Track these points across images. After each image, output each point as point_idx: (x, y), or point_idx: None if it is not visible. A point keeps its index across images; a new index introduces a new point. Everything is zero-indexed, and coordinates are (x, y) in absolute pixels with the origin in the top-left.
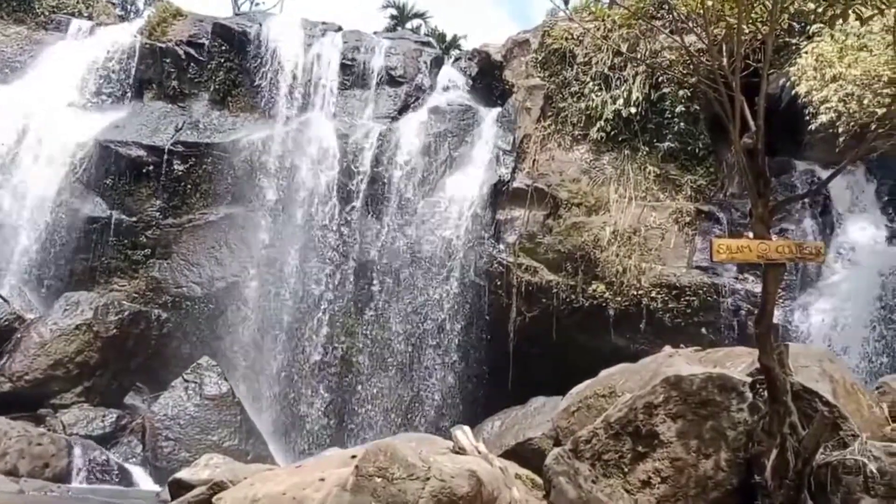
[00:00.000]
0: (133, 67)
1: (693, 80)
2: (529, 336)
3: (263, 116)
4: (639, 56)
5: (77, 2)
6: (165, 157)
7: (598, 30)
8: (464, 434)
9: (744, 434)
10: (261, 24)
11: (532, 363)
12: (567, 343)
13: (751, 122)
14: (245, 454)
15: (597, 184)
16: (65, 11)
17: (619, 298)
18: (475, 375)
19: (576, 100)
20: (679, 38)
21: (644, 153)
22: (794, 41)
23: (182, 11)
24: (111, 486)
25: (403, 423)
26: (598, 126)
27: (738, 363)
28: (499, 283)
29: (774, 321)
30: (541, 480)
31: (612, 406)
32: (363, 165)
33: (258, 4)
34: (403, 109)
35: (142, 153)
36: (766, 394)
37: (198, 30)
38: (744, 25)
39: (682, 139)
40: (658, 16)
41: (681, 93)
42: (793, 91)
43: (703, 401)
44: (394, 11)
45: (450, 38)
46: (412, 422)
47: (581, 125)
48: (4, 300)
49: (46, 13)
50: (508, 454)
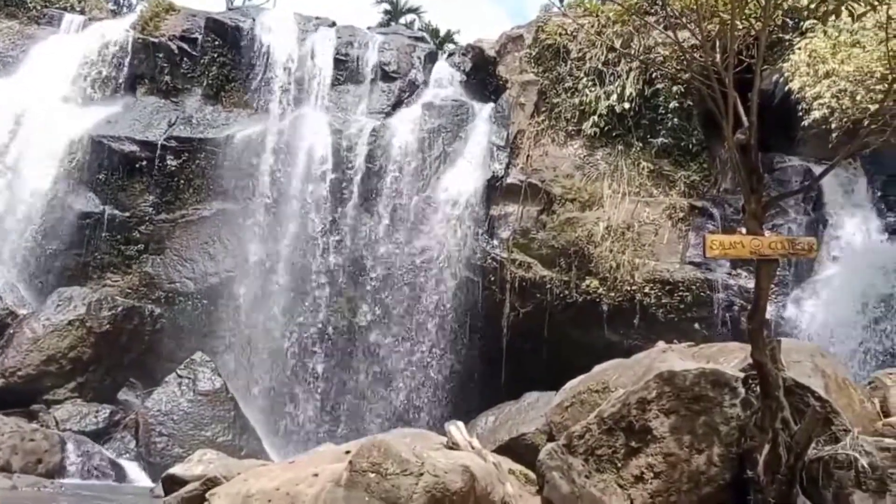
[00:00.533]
0: (126, 62)
1: (686, 76)
2: (523, 331)
3: (257, 112)
4: (632, 52)
5: None
6: (158, 153)
7: (592, 25)
8: (457, 429)
9: (736, 429)
10: (254, 19)
11: (526, 358)
12: (560, 338)
13: (744, 118)
14: (239, 450)
15: (590, 179)
16: (57, 6)
17: (613, 294)
18: (469, 371)
19: (569, 95)
20: (672, 35)
21: (638, 149)
22: (788, 37)
23: (175, 6)
24: (104, 482)
25: (397, 419)
26: (592, 122)
27: (731, 358)
28: (492, 279)
29: (767, 316)
30: (534, 475)
31: (606, 401)
32: (357, 161)
33: None
34: (397, 105)
35: (135, 148)
36: (759, 389)
37: (191, 24)
38: (737, 22)
39: (676, 135)
40: (652, 12)
41: (674, 89)
42: (786, 87)
43: (696, 396)
44: (387, 6)
45: (443, 34)
46: (406, 417)
47: (575, 121)
48: None
49: (38, 8)
50: (502, 449)
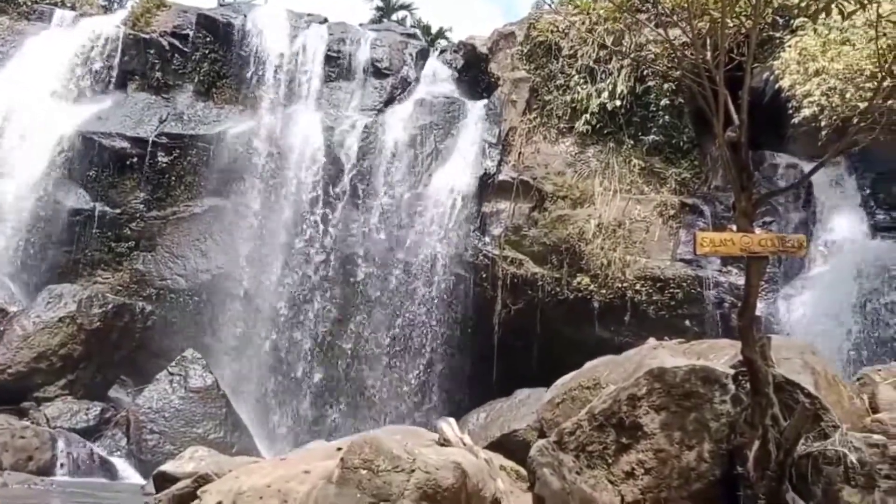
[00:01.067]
0: (117, 58)
1: (677, 74)
2: (514, 328)
3: (248, 108)
4: (624, 49)
5: None
6: (149, 149)
7: (584, 23)
8: (449, 426)
9: (726, 425)
10: (245, 16)
11: (517, 355)
12: (552, 335)
13: (734, 116)
14: (230, 447)
15: (582, 177)
16: (48, 1)
17: (604, 291)
18: (460, 367)
19: (561, 93)
20: (663, 32)
21: (629, 146)
22: (778, 35)
23: (166, 2)
24: (95, 479)
25: (389, 416)
26: (584, 119)
27: (722, 355)
28: (484, 276)
29: (757, 313)
30: (525, 472)
31: (597, 398)
32: (349, 158)
33: None
34: (389, 102)
35: (126, 145)
36: (749, 386)
37: (182, 21)
38: (728, 19)
39: (667, 132)
40: (643, 9)
41: (665, 86)
42: (776, 85)
43: (687, 393)
44: (379, 3)
45: (435, 31)
46: (397, 414)
47: (566, 118)
48: None
49: (29, 3)
50: (493, 446)
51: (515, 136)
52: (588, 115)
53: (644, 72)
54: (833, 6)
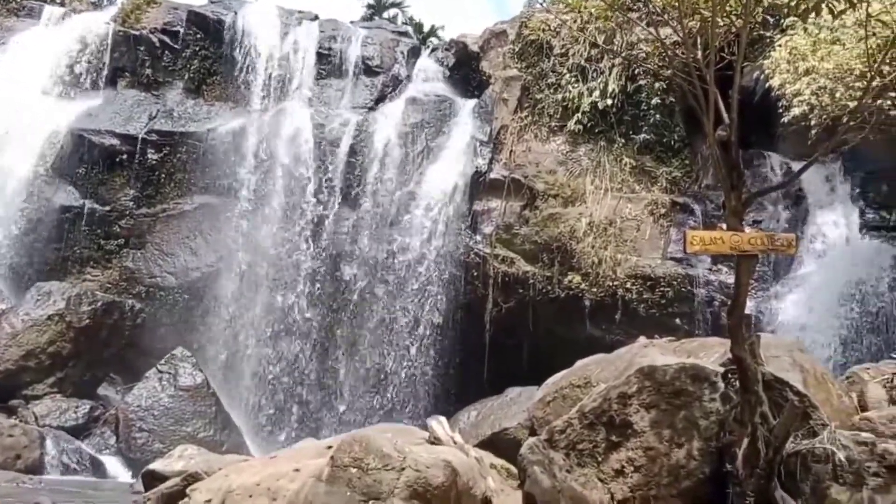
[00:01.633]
0: (106, 55)
1: (668, 73)
2: (506, 326)
3: (239, 105)
4: (615, 48)
5: None
6: (139, 146)
7: (575, 21)
8: (439, 424)
9: (716, 423)
10: (236, 13)
11: (508, 353)
12: (543, 333)
13: (725, 115)
14: (220, 445)
15: (573, 175)
16: None
17: (595, 289)
18: (451, 365)
19: (553, 91)
20: (655, 31)
21: (620, 145)
22: (768, 34)
23: None
24: (84, 478)
25: (379, 414)
26: (575, 118)
27: (712, 353)
28: (475, 274)
29: (747, 312)
30: (516, 470)
31: (587, 396)
32: (339, 155)
33: None
34: (380, 99)
35: (115, 142)
36: (738, 384)
37: (172, 17)
38: (718, 18)
39: (658, 131)
40: (634, 8)
41: (656, 85)
42: (766, 84)
43: (677, 391)
44: (370, 1)
45: (427, 28)
46: (388, 412)
47: (558, 117)
48: None
49: None
50: (484, 444)
51: (507, 135)
52: (579, 114)
53: (635, 71)
54: (823, 5)
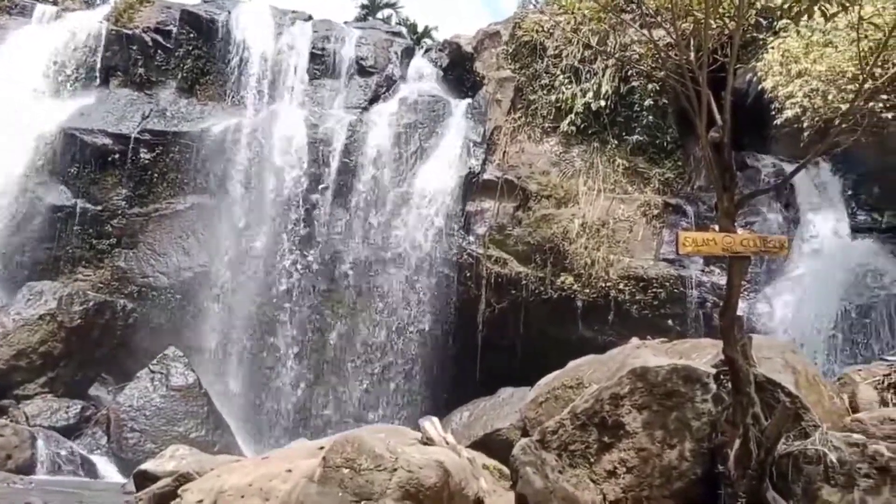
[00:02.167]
0: (99, 54)
1: (661, 75)
2: (498, 327)
3: (232, 105)
4: (608, 50)
5: None
6: (132, 146)
7: (569, 23)
8: (432, 425)
9: (708, 424)
10: (229, 12)
11: (501, 354)
12: (535, 334)
13: (717, 117)
14: (212, 445)
15: (566, 176)
16: None
17: (588, 290)
18: (444, 366)
19: (546, 92)
20: (648, 33)
21: (613, 146)
22: (761, 37)
23: None
24: (75, 478)
25: (372, 414)
26: (569, 119)
27: (704, 355)
28: (468, 275)
29: (739, 313)
30: (508, 471)
31: (580, 397)
32: (333, 155)
33: None
34: (374, 100)
35: (108, 141)
36: (730, 385)
37: (165, 17)
38: (711, 21)
39: (651, 132)
40: (627, 10)
41: (649, 87)
42: (759, 86)
43: (669, 392)
44: (364, 1)
45: (421, 29)
46: (380, 413)
47: (551, 118)
48: None
49: None
50: (476, 445)
51: (500, 136)
52: (573, 115)
53: (628, 72)
54: (815, 8)
